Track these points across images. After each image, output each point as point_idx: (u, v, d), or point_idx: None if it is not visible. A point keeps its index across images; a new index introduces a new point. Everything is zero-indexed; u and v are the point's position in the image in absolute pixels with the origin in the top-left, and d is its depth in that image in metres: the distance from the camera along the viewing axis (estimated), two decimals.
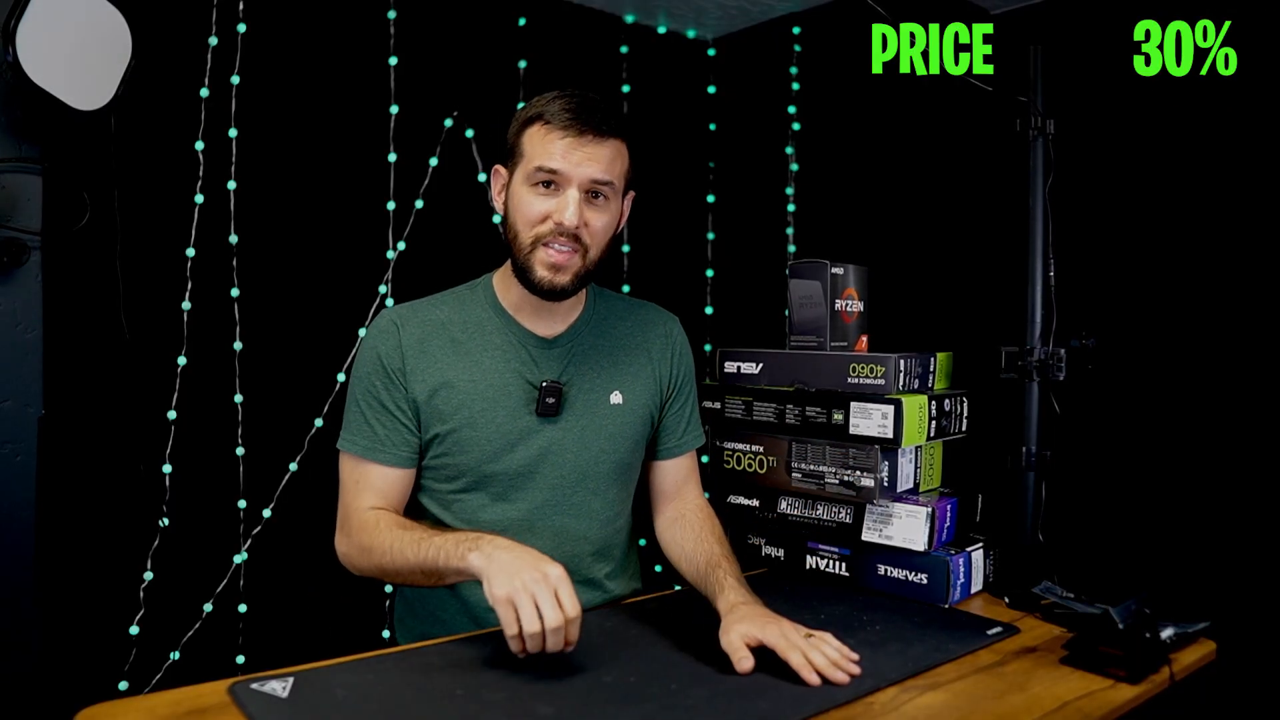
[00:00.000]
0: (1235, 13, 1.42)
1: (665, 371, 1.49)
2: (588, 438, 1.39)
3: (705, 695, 1.08)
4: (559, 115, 1.28)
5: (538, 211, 1.29)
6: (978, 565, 1.55)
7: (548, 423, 1.36)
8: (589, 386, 1.40)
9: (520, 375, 1.36)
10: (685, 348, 1.54)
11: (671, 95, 2.26)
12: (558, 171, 1.27)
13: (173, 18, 1.65)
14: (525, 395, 1.36)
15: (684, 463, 1.53)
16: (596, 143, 1.28)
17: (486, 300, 1.41)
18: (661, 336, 1.50)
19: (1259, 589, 1.51)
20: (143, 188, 1.63)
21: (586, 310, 1.45)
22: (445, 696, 1.05)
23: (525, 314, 1.39)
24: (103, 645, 1.60)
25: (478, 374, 1.35)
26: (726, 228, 2.32)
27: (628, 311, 1.51)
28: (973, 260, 1.86)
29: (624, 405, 1.43)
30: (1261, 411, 1.53)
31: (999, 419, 1.66)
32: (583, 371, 1.41)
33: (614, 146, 1.31)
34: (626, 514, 1.49)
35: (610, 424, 1.41)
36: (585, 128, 1.28)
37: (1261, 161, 1.53)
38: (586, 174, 1.28)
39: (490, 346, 1.37)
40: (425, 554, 1.20)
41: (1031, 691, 1.15)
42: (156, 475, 1.65)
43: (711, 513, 1.49)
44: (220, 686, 1.06)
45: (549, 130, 1.28)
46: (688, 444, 1.53)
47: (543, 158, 1.28)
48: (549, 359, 1.39)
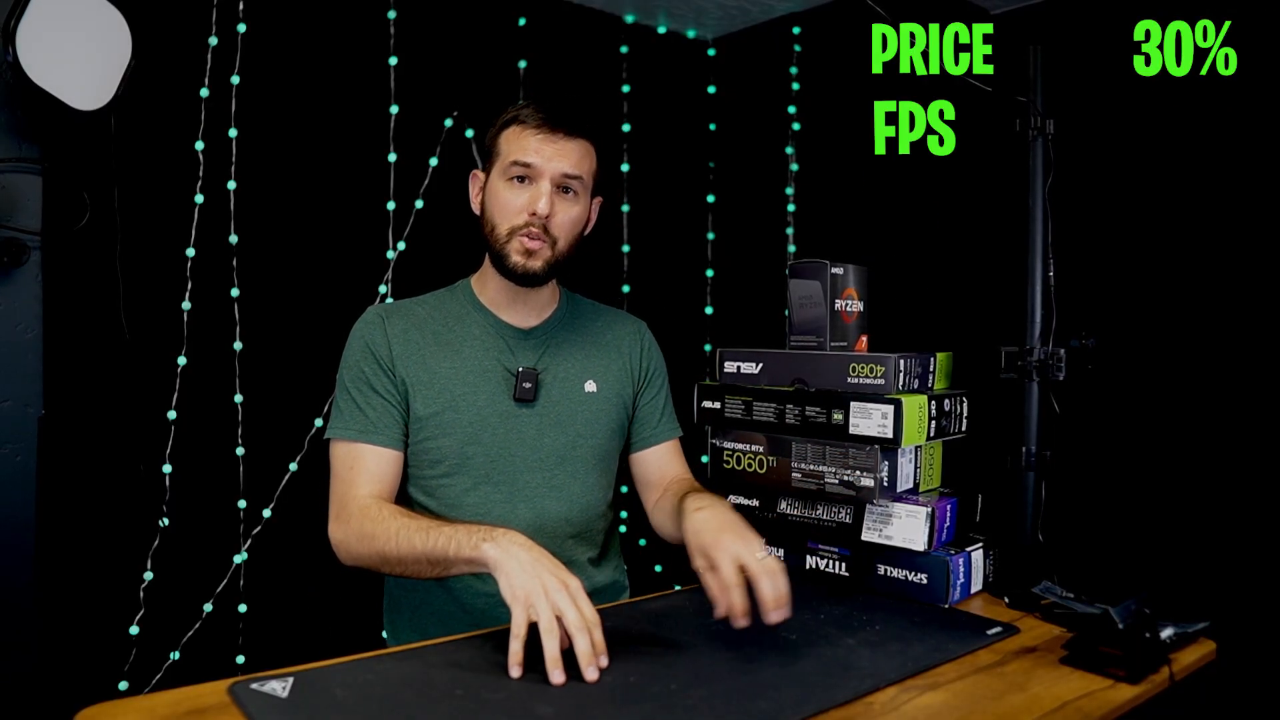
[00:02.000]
0: (1235, 13, 1.42)
1: (635, 365, 1.57)
2: (564, 422, 1.45)
3: (705, 695, 1.08)
4: (533, 116, 1.40)
5: (514, 204, 1.39)
6: (978, 565, 1.55)
7: (525, 407, 1.43)
8: (564, 375, 1.48)
9: (499, 362, 1.44)
10: (654, 346, 1.62)
11: (671, 95, 2.26)
12: (531, 165, 1.38)
13: (173, 18, 1.65)
14: (504, 381, 1.43)
15: (664, 452, 1.58)
16: (567, 139, 1.39)
17: (465, 298, 1.49)
18: (632, 334, 1.59)
19: (1259, 589, 1.51)
20: (143, 188, 1.63)
21: (560, 308, 1.53)
22: (445, 696, 1.05)
23: (502, 307, 1.47)
24: (103, 645, 1.60)
25: (458, 361, 1.42)
26: (726, 228, 2.32)
27: (597, 314, 1.60)
28: (973, 260, 1.86)
29: (598, 393, 1.50)
30: (1261, 411, 1.53)
31: (999, 419, 1.66)
32: (558, 360, 1.48)
33: (583, 145, 1.42)
34: (607, 501, 1.53)
35: (585, 410, 1.48)
36: (557, 126, 1.39)
37: (1261, 161, 1.53)
38: (558, 168, 1.38)
39: (470, 337, 1.45)
40: (434, 542, 1.21)
41: (1031, 691, 1.15)
42: (156, 475, 1.65)
43: (694, 480, 1.54)
44: (220, 686, 1.06)
45: (523, 129, 1.39)
46: (663, 434, 1.59)
47: (517, 153, 1.38)
48: (525, 348, 1.46)
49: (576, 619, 1.08)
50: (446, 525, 1.23)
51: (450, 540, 1.20)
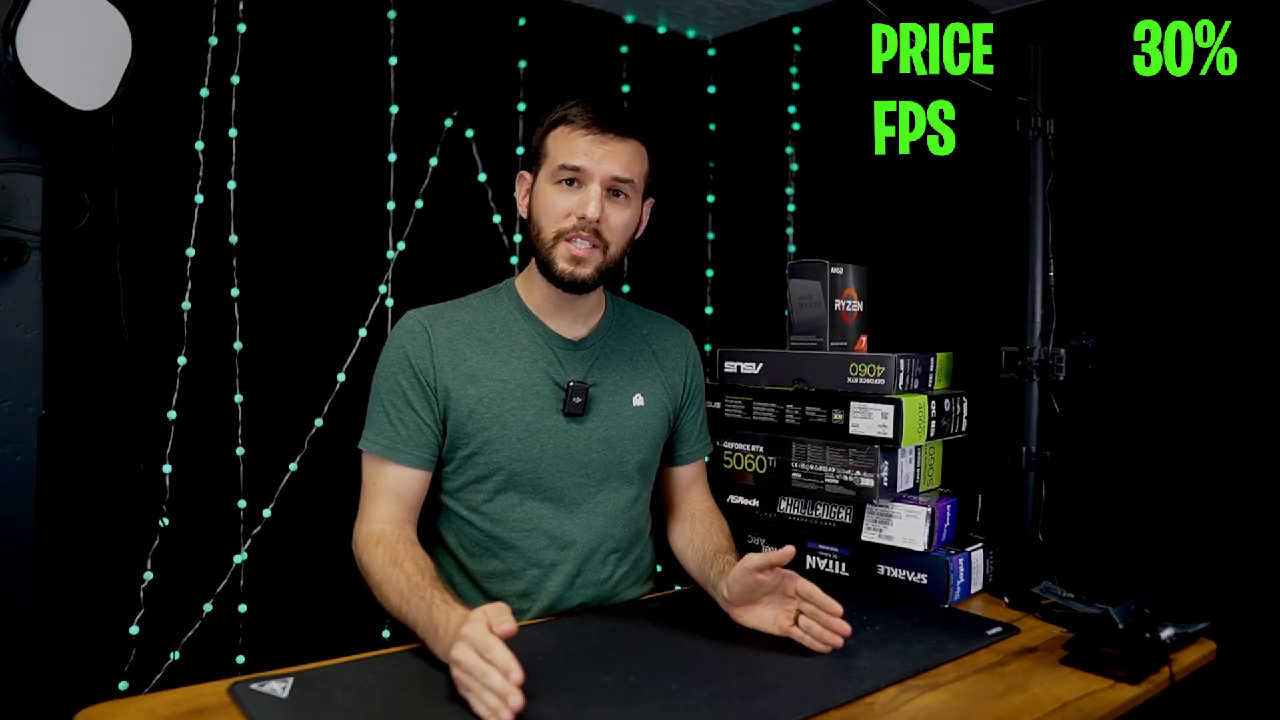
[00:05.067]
0: (1235, 13, 1.42)
1: (679, 380, 1.54)
2: (613, 437, 1.43)
3: (705, 695, 1.08)
4: (582, 116, 1.35)
5: (562, 207, 1.35)
6: (978, 565, 1.55)
7: (574, 422, 1.41)
8: (612, 388, 1.45)
9: (548, 375, 1.41)
10: (698, 360, 1.60)
11: (671, 95, 2.26)
12: (580, 168, 1.34)
13: (173, 18, 1.64)
14: (553, 395, 1.40)
15: (695, 469, 1.59)
16: (618, 141, 1.35)
17: (511, 302, 1.46)
18: (678, 346, 1.57)
19: (1259, 589, 1.51)
20: (143, 188, 1.63)
21: (608, 316, 1.50)
22: (445, 696, 1.05)
23: (549, 315, 1.44)
24: (103, 645, 1.60)
25: (506, 373, 1.39)
26: (726, 228, 2.32)
27: (644, 320, 1.57)
28: (973, 260, 1.86)
29: (645, 407, 1.47)
30: (1261, 411, 1.53)
31: (999, 419, 1.66)
32: (606, 373, 1.45)
33: (634, 147, 1.38)
34: (647, 513, 1.53)
35: (634, 424, 1.46)
36: (608, 127, 1.35)
37: (1261, 161, 1.53)
38: (608, 170, 1.34)
39: (518, 346, 1.42)
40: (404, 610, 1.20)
41: (1031, 691, 1.15)
42: (156, 475, 1.65)
43: (720, 515, 1.55)
44: (220, 686, 1.06)
45: (572, 130, 1.35)
46: (699, 451, 1.59)
47: (566, 156, 1.34)
48: (574, 360, 1.44)
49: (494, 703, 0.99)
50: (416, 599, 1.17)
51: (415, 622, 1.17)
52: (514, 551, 1.39)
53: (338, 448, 1.76)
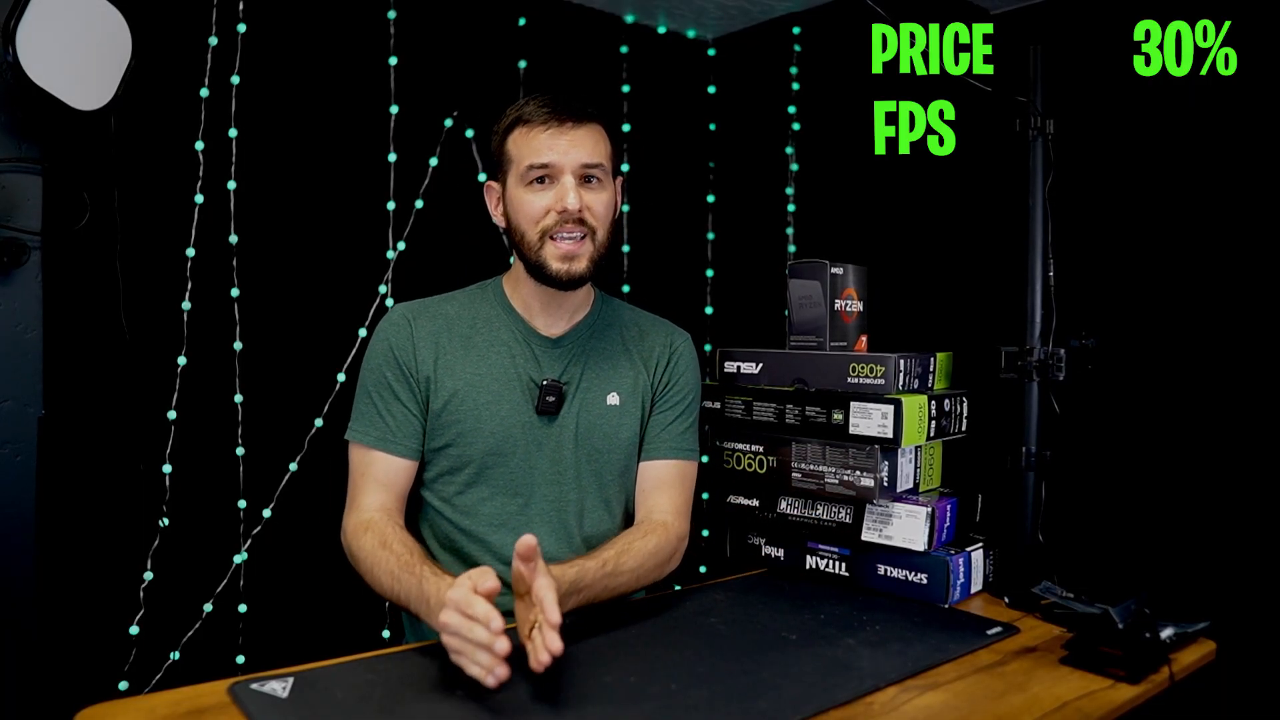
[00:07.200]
0: (1235, 13, 1.42)
1: (655, 374, 1.51)
2: (584, 435, 1.43)
3: (705, 695, 1.08)
4: (537, 112, 1.35)
5: (539, 207, 1.35)
6: (977, 565, 1.55)
7: (548, 420, 1.41)
8: (588, 386, 1.44)
9: (524, 372, 1.41)
10: (686, 360, 1.53)
11: (671, 95, 2.26)
12: (549, 164, 1.33)
13: (173, 18, 1.65)
14: (528, 392, 1.41)
15: (662, 472, 1.48)
16: (577, 128, 1.35)
17: (496, 298, 1.47)
18: (660, 346, 1.52)
19: (1259, 589, 1.51)
20: (143, 188, 1.63)
21: (592, 313, 1.49)
22: (445, 696, 1.05)
23: (533, 312, 1.44)
24: (103, 645, 1.60)
25: (484, 368, 1.40)
26: (726, 228, 2.32)
27: (632, 320, 1.54)
28: (973, 260, 1.86)
29: (620, 406, 1.46)
30: (1261, 411, 1.53)
31: (999, 419, 1.66)
32: (583, 371, 1.45)
33: (595, 130, 1.37)
34: (623, 514, 1.51)
35: (607, 423, 1.45)
36: (565, 117, 1.34)
37: (1261, 161, 1.53)
38: (576, 159, 1.34)
39: (497, 342, 1.42)
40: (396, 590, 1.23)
41: (1031, 691, 1.15)
42: (156, 475, 1.65)
43: (670, 532, 1.41)
44: (220, 686, 1.06)
45: (530, 128, 1.35)
46: (666, 451, 1.48)
47: (531, 155, 1.34)
48: (552, 358, 1.43)
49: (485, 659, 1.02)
50: (407, 575, 1.21)
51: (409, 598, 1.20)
52: (481, 545, 1.39)
53: (338, 448, 1.75)
